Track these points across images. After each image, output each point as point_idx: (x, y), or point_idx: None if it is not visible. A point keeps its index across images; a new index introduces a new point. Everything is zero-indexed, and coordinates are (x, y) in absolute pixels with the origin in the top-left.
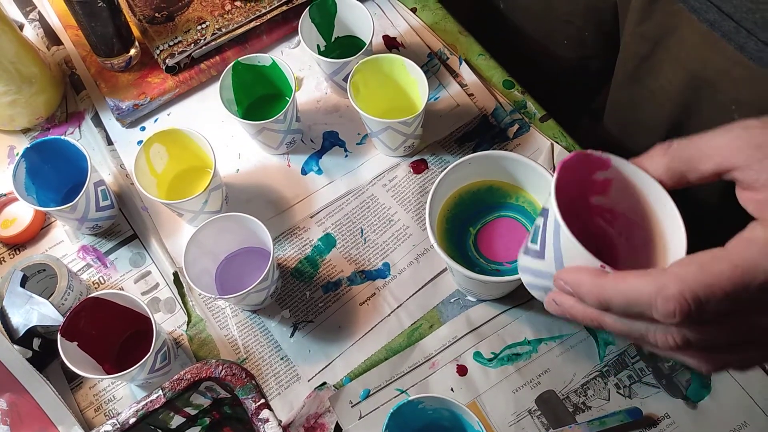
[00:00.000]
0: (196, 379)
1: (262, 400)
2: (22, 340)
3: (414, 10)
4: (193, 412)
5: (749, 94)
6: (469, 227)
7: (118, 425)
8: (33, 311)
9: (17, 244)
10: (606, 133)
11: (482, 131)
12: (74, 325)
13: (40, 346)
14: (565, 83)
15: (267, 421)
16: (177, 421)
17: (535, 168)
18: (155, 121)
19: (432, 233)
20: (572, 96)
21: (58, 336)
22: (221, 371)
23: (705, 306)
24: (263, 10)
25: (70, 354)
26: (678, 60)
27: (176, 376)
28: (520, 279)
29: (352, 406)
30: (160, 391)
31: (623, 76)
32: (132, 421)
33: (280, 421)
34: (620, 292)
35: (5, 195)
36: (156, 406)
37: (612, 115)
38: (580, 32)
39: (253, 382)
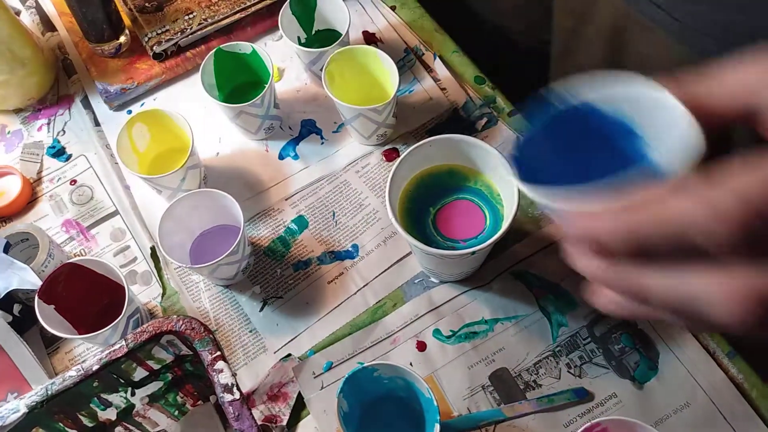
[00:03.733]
0: (158, 331)
1: (218, 353)
2: (3, 303)
3: (393, 8)
4: (155, 366)
5: (663, 59)
6: (430, 207)
7: (82, 371)
8: (14, 276)
9: (3, 217)
10: None
11: (452, 123)
12: (52, 289)
13: (20, 312)
14: (529, 72)
15: (221, 371)
16: (140, 373)
17: (491, 152)
18: (141, 105)
19: (392, 210)
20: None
21: (36, 297)
22: (181, 325)
23: None
24: (248, 3)
25: (46, 315)
26: (600, 32)
27: (139, 329)
28: (470, 253)
29: (314, 377)
30: (123, 341)
31: (557, 50)
32: (95, 368)
33: (234, 373)
34: (656, 219)
35: None
36: (118, 356)
37: None
38: (533, 17)
39: (211, 336)
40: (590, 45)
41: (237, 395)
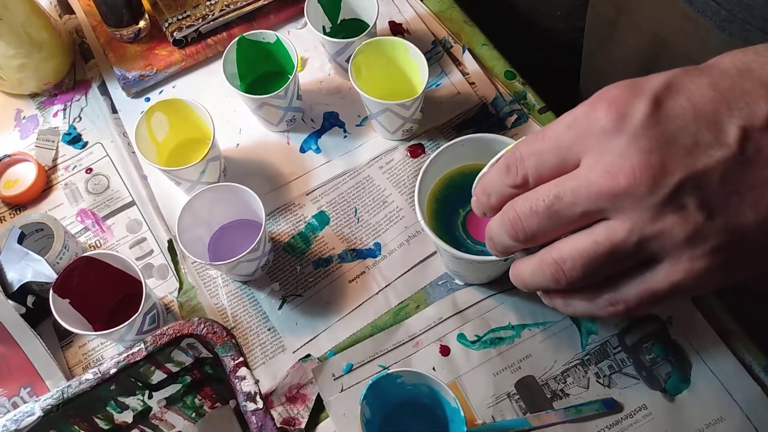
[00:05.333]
0: (178, 334)
1: (241, 359)
2: (16, 295)
3: None
4: (174, 369)
5: (700, 48)
6: (459, 208)
7: (99, 374)
8: (28, 267)
9: (18, 205)
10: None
11: (481, 119)
12: (67, 283)
13: (33, 304)
14: (561, 67)
15: (244, 378)
16: (158, 376)
17: None
18: (160, 92)
19: (420, 211)
20: (571, 85)
21: (51, 292)
22: (203, 329)
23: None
24: None
25: (61, 310)
26: (638, 23)
27: (159, 331)
28: (502, 260)
29: (334, 379)
30: (142, 344)
31: (593, 42)
32: (113, 371)
33: (257, 381)
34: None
35: (9, 156)
36: (137, 359)
37: (585, 84)
38: (572, 2)
39: (233, 341)
40: (628, 36)
41: (260, 404)
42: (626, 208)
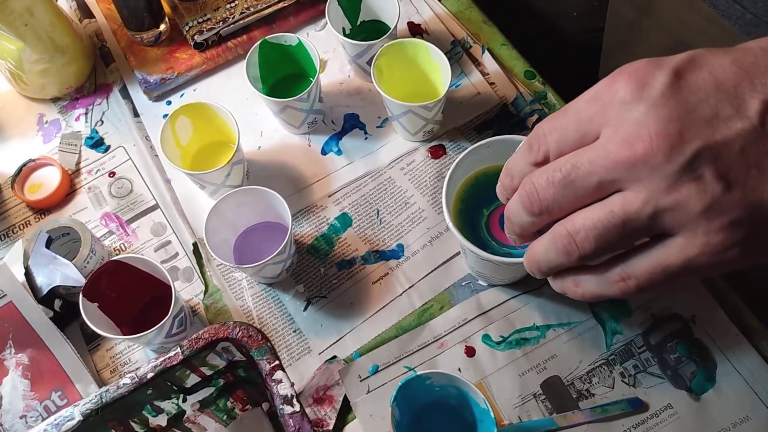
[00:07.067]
0: (214, 338)
1: (276, 362)
2: (44, 299)
3: None
4: (208, 372)
5: (721, 44)
6: (483, 208)
7: (137, 379)
8: (56, 272)
9: (43, 209)
10: None
11: (501, 120)
12: (95, 287)
13: (60, 308)
14: (579, 65)
15: (280, 381)
16: (193, 380)
17: None
18: (181, 95)
19: (447, 213)
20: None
21: (80, 296)
22: (238, 332)
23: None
24: None
25: (90, 314)
26: (661, 24)
27: (194, 335)
28: None
29: (360, 381)
30: (179, 348)
31: (612, 42)
32: (150, 375)
33: (293, 383)
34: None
35: (33, 160)
36: (173, 363)
37: None
38: (589, 2)
39: (268, 344)
40: (649, 38)
41: (297, 407)
42: (642, 178)
